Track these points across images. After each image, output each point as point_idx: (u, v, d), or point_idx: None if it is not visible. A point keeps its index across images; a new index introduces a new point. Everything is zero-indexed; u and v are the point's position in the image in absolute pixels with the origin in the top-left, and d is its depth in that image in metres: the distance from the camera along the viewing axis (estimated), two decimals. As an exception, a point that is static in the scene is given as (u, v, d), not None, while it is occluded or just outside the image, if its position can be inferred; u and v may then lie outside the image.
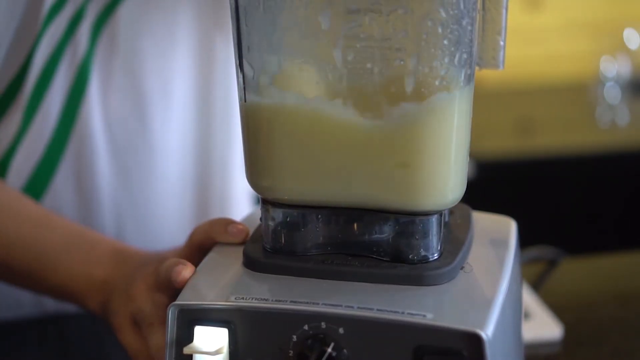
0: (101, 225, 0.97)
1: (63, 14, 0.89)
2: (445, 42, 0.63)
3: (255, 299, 0.65)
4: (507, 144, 2.08)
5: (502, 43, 0.71)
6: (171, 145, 0.98)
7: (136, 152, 0.96)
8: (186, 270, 0.69)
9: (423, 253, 0.66)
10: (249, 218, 0.78)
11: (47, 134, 0.92)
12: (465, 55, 0.64)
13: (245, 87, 0.67)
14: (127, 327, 0.76)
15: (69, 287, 0.82)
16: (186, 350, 0.65)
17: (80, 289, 0.82)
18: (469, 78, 0.65)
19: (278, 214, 0.68)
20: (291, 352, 0.64)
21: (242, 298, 0.65)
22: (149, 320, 0.74)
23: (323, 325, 0.63)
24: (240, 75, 0.67)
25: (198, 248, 0.75)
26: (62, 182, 0.94)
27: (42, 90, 0.91)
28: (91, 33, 0.91)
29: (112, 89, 0.94)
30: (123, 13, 0.92)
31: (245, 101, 0.67)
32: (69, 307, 0.97)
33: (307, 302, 0.64)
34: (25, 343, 0.94)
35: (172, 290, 0.70)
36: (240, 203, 1.08)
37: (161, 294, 0.73)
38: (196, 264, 0.71)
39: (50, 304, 0.98)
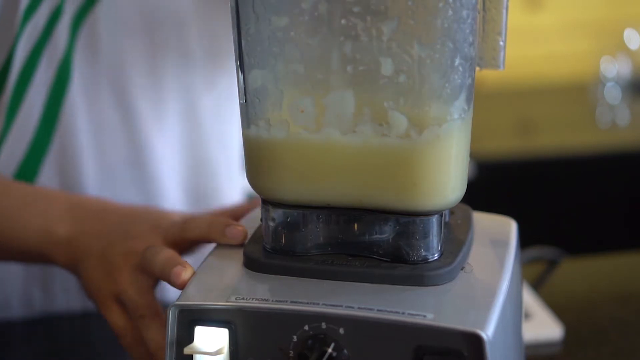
0: None
1: (41, 11, 0.89)
2: (446, 56, 0.63)
3: (256, 299, 0.65)
4: (507, 144, 2.08)
5: (502, 43, 0.71)
6: (158, 145, 0.98)
7: (122, 151, 0.96)
8: (186, 273, 0.68)
9: (423, 253, 0.66)
10: (249, 218, 0.78)
11: (30, 132, 0.92)
12: (466, 67, 0.64)
13: (245, 87, 0.67)
14: (111, 305, 0.76)
15: (32, 247, 0.81)
16: (186, 350, 0.65)
17: (44, 247, 0.81)
18: (471, 84, 0.65)
19: (278, 214, 0.68)
20: (291, 352, 0.64)
21: (243, 298, 0.65)
22: (139, 311, 0.73)
23: (323, 325, 0.63)
24: (241, 76, 0.67)
25: (191, 243, 0.75)
26: (46, 181, 0.94)
27: (22, 89, 0.90)
28: (70, 30, 0.91)
29: (94, 86, 0.93)
30: (102, 8, 0.91)
31: (245, 101, 0.67)
32: (58, 308, 0.97)
33: (308, 303, 0.64)
34: (14, 343, 0.93)
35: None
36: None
37: (145, 276, 0.73)
38: (187, 255, 0.70)
39: (39, 305, 0.97)
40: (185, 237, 0.75)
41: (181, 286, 0.68)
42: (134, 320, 0.74)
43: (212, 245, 0.74)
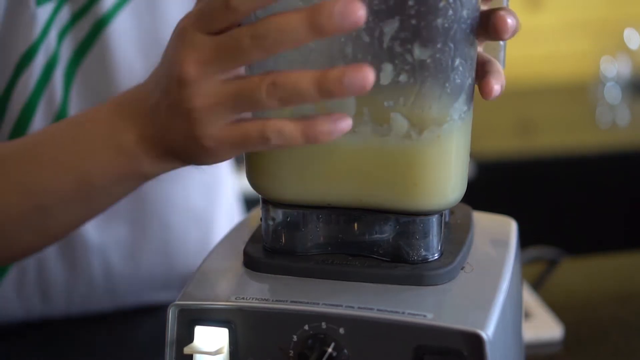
0: (87, 266, 0.96)
1: (36, 62, 0.86)
2: (446, 56, 0.63)
3: (256, 299, 0.65)
4: (507, 144, 2.08)
5: (502, 43, 0.71)
6: (159, 186, 0.95)
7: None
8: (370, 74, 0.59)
9: (423, 253, 0.66)
10: (249, 218, 0.78)
11: None
12: (466, 67, 0.64)
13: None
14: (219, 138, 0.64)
15: (111, 173, 0.72)
16: (186, 350, 0.65)
17: (122, 164, 0.71)
18: (472, 85, 0.66)
19: (278, 214, 0.68)
20: (291, 352, 0.64)
21: (243, 298, 0.65)
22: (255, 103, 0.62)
23: (323, 325, 0.63)
24: (241, 75, 0.67)
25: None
26: None
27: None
28: (64, 80, 0.89)
29: None
30: (93, 57, 0.89)
31: (245, 101, 0.67)
32: (55, 312, 0.96)
33: (308, 302, 0.64)
34: (11, 347, 0.93)
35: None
36: (232, 209, 1.07)
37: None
38: None
39: (36, 310, 0.96)
40: (233, 10, 0.61)
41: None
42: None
43: (217, 237, 0.74)
